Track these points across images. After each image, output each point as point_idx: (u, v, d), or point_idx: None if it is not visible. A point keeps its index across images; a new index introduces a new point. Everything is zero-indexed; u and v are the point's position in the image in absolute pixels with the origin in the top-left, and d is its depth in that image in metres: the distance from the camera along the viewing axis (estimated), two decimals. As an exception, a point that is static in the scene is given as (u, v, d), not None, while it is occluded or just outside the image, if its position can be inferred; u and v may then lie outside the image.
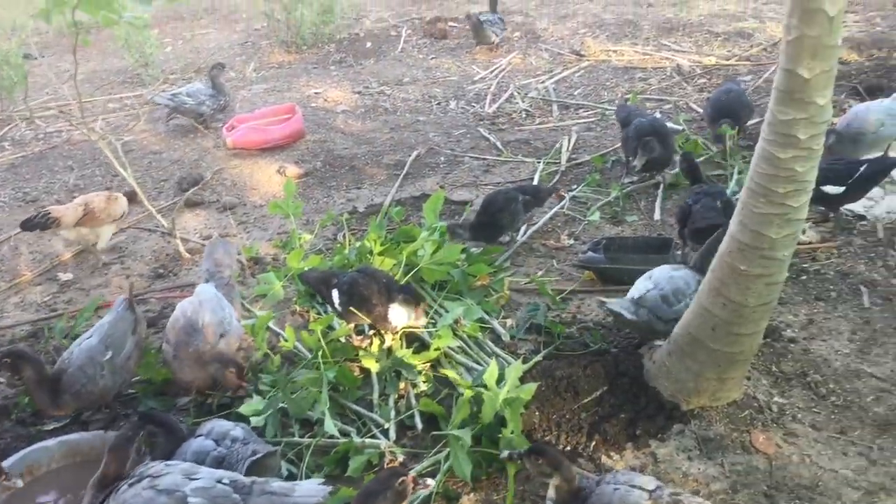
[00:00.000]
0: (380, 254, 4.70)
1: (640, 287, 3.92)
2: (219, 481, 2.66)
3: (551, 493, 2.99)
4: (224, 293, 4.14)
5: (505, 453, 3.12)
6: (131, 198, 5.61)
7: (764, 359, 3.92)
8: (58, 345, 4.45)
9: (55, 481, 3.48)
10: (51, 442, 3.69)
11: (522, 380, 3.58)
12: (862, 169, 4.79)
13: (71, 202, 5.42)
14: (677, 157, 5.65)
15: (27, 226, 5.16)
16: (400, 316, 4.05)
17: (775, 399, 3.68)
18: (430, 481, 2.86)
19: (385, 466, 3.42)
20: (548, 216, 5.54)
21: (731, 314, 3.33)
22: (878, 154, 5.43)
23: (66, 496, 3.43)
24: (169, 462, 2.86)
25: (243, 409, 3.68)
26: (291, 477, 3.42)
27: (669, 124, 6.66)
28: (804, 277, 4.60)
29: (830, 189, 4.78)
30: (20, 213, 6.38)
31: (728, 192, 5.23)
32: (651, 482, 2.89)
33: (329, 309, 4.32)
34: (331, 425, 3.56)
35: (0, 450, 3.76)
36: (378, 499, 2.62)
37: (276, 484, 2.71)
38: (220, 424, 3.41)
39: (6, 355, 3.62)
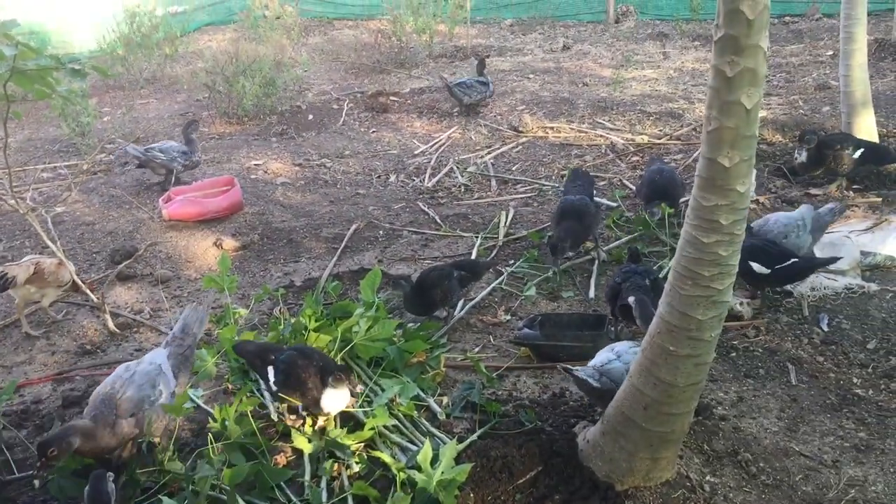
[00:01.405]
0: (315, 330, 4.65)
1: (602, 357, 3.92)
2: None
3: None
4: (177, 362, 4.04)
5: None
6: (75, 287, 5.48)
7: (696, 437, 3.95)
8: (-25, 426, 4.26)
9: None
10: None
11: (457, 460, 3.54)
12: (789, 262, 4.94)
13: (22, 260, 5.34)
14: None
15: None
16: (334, 401, 3.98)
17: (707, 478, 3.71)
18: None
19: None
20: (486, 291, 5.57)
21: (661, 394, 3.37)
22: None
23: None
24: None
25: (164, 506, 3.55)
26: (217, 566, 3.30)
27: (605, 201, 6.84)
28: (734, 354, 4.70)
29: (757, 267, 4.92)
30: (-58, 286, 6.17)
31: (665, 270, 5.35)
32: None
33: (261, 387, 4.24)
34: None
35: None
36: None
37: None
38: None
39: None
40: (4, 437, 4.19)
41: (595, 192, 6.62)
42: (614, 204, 6.82)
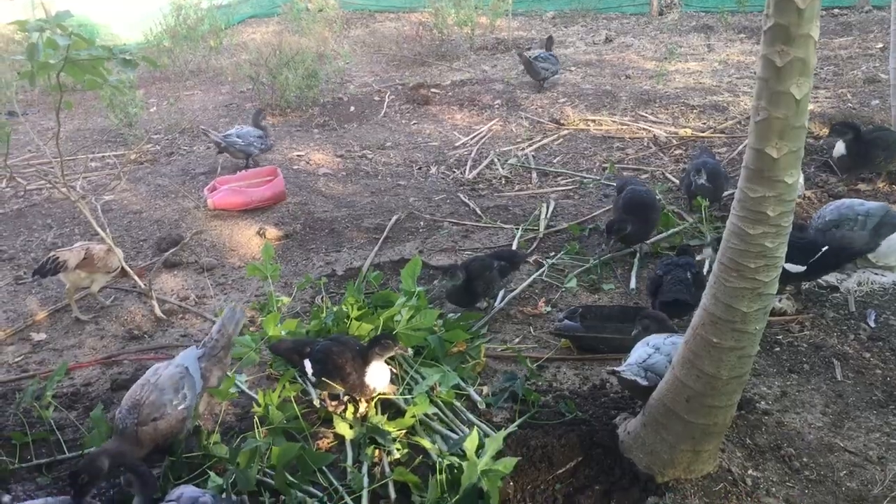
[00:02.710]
0: (357, 318, 4.70)
1: (641, 353, 3.89)
2: None
3: None
4: (209, 364, 4.09)
5: None
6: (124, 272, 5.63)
7: (738, 431, 3.92)
8: (28, 407, 4.38)
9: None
10: (16, 508, 3.63)
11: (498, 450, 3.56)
12: (821, 253, 4.85)
13: (73, 246, 5.49)
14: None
15: (40, 272, 5.26)
16: (378, 376, 4.03)
17: (749, 472, 3.68)
18: None
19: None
20: (526, 283, 5.57)
21: (704, 386, 3.35)
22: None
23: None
24: None
25: (208, 485, 3.62)
26: (261, 547, 3.37)
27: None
28: (777, 349, 4.64)
29: (791, 267, 4.85)
30: (-5, 271, 6.36)
31: (696, 259, 5.31)
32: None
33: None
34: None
35: (-38, 514, 3.69)
36: None
37: None
38: (189, 491, 3.37)
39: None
40: (55, 418, 4.30)
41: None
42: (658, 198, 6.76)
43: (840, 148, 6.83)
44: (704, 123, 8.98)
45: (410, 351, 4.36)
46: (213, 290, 5.86)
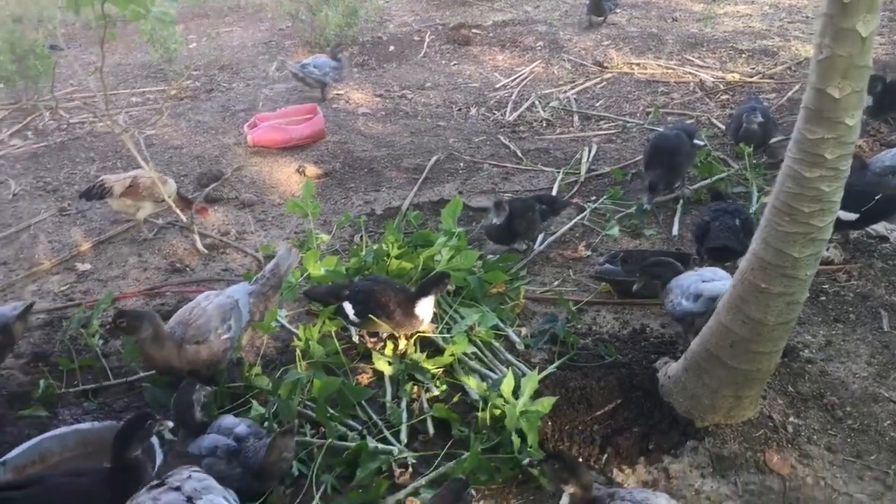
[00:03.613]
0: (396, 257, 4.69)
1: (692, 279, 3.98)
2: None
3: (565, 500, 2.98)
4: (257, 300, 4.13)
5: (526, 461, 3.10)
6: (183, 201, 5.74)
7: (780, 378, 3.89)
8: (75, 335, 4.47)
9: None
10: (63, 431, 3.71)
11: (537, 390, 3.56)
12: (874, 201, 4.72)
13: (127, 174, 5.66)
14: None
15: (86, 195, 5.51)
16: (428, 310, 4.08)
17: (791, 420, 3.65)
18: None
19: (394, 472, 3.42)
20: (567, 227, 5.51)
21: (749, 332, 3.30)
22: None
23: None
24: (193, 473, 2.85)
25: (250, 414, 3.69)
26: (303, 476, 3.43)
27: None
28: (823, 298, 4.57)
29: (843, 215, 4.72)
30: (40, 202, 6.44)
31: (751, 210, 5.22)
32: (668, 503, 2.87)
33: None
34: (334, 431, 3.58)
35: (14, 437, 3.80)
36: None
37: None
38: (227, 421, 3.43)
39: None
40: (101, 346, 4.38)
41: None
42: (701, 143, 6.61)
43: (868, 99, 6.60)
44: (753, 68, 8.73)
45: (452, 286, 4.35)
46: (254, 226, 5.88)
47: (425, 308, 4.07)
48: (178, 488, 2.73)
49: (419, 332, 4.21)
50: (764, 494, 3.28)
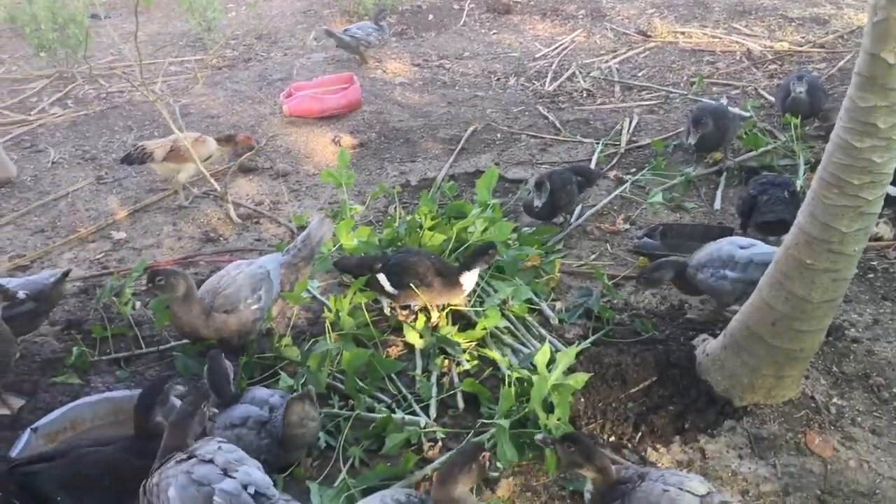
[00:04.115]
0: (430, 228, 4.61)
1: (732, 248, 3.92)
2: (245, 487, 2.61)
3: (589, 485, 2.90)
4: (288, 271, 4.10)
5: (539, 437, 3.02)
6: (226, 141, 5.97)
7: (824, 358, 3.75)
8: (108, 303, 4.48)
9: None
10: (94, 398, 3.73)
11: (570, 365, 3.47)
12: None
13: (163, 138, 5.76)
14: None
15: (127, 160, 5.63)
16: (471, 282, 4.03)
17: (834, 400, 3.52)
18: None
19: (423, 446, 3.37)
20: (606, 199, 5.38)
21: (792, 309, 3.17)
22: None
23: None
24: (222, 445, 2.83)
25: (279, 385, 3.66)
26: (330, 449, 3.40)
27: (736, 110, 6.39)
28: (871, 275, 4.39)
29: (892, 190, 4.52)
30: (78, 170, 6.48)
31: (798, 184, 5.03)
32: (702, 486, 2.77)
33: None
34: (362, 404, 3.54)
35: (47, 403, 3.82)
36: (463, 470, 2.65)
37: None
38: (260, 392, 3.41)
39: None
40: (133, 315, 4.39)
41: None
42: (747, 114, 6.40)
43: None
44: (803, 37, 8.43)
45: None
46: (288, 196, 5.85)
47: (469, 280, 4.00)
48: (210, 461, 2.70)
49: (452, 305, 4.14)
50: (804, 477, 3.17)
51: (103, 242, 5.37)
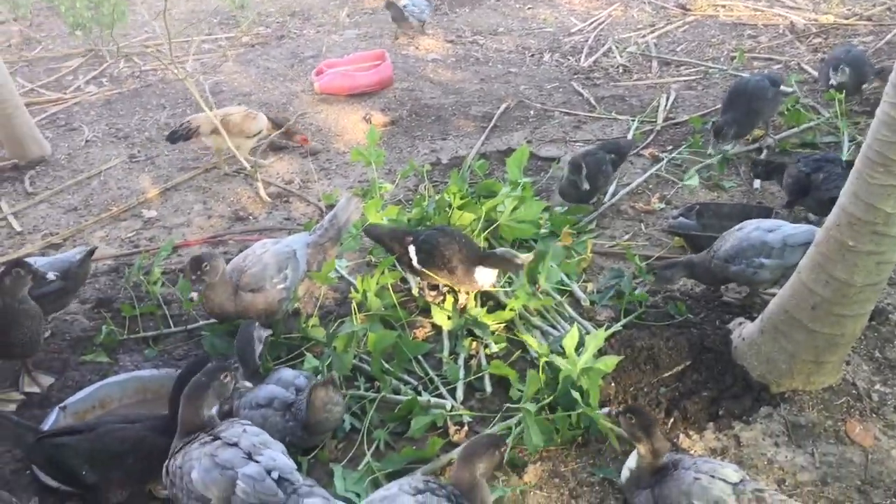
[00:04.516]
0: (459, 208, 4.53)
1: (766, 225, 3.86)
2: (269, 472, 2.58)
3: (632, 461, 2.84)
4: (315, 251, 4.05)
5: (605, 410, 3.01)
6: (278, 126, 6.01)
7: (867, 343, 3.62)
8: (137, 282, 4.48)
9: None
10: (122, 377, 3.74)
11: (600, 348, 3.38)
12: None
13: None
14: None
15: (173, 138, 5.69)
16: (487, 277, 3.90)
17: (876, 387, 3.39)
18: None
19: (449, 429, 3.31)
20: (641, 178, 5.25)
21: (833, 293, 3.05)
22: None
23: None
24: (248, 428, 2.79)
25: (304, 366, 3.62)
26: (355, 431, 3.36)
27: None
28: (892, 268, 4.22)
29: None
30: (111, 149, 6.50)
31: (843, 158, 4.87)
32: (735, 474, 2.69)
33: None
34: (387, 386, 3.50)
35: (76, 381, 3.84)
36: (483, 457, 2.61)
37: (312, 501, 2.53)
38: (286, 373, 3.38)
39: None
40: (163, 294, 4.38)
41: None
42: (790, 90, 6.20)
43: None
44: (849, 10, 8.14)
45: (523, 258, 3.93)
46: (318, 175, 5.80)
47: (484, 275, 3.90)
48: (235, 444, 2.67)
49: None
50: (843, 466, 3.06)
51: (134, 221, 5.38)
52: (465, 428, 3.33)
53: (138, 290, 4.45)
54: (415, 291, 4.21)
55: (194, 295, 3.84)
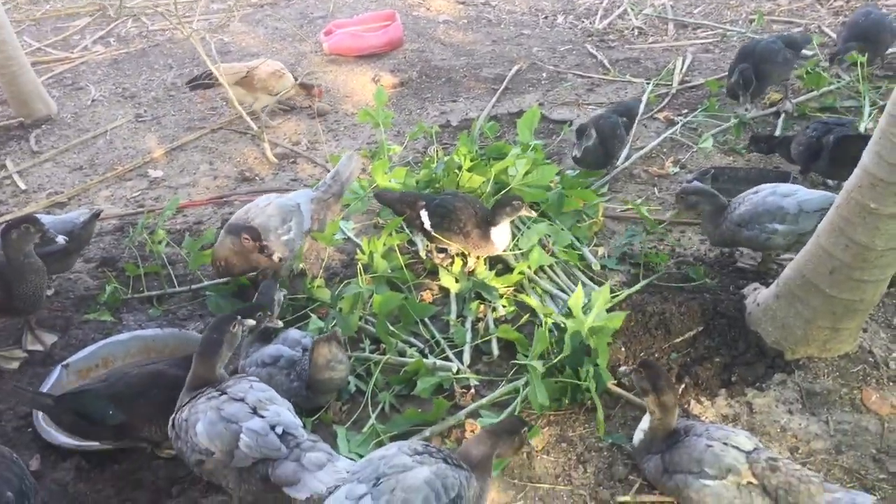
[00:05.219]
0: (469, 170, 4.43)
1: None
2: (273, 427, 2.53)
3: (645, 422, 2.80)
4: (319, 207, 4.00)
5: (623, 368, 2.98)
6: (303, 87, 6.00)
7: (884, 310, 3.53)
8: (142, 241, 4.42)
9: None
10: (125, 336, 3.70)
11: (611, 312, 3.30)
12: None
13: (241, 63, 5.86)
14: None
15: (193, 84, 5.80)
16: (503, 236, 3.84)
17: (894, 355, 3.30)
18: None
19: (455, 392, 3.26)
20: (655, 141, 5.13)
21: (853, 257, 2.95)
22: None
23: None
24: (254, 384, 2.75)
25: (309, 327, 3.56)
26: (360, 393, 3.31)
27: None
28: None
29: None
30: (118, 108, 6.43)
31: (862, 127, 4.75)
32: (749, 442, 2.64)
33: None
34: (392, 347, 3.45)
35: (79, 340, 3.80)
36: (505, 439, 2.60)
37: (315, 455, 2.50)
38: (293, 333, 3.33)
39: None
40: (167, 254, 4.32)
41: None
42: (810, 53, 6.04)
43: None
44: (872, -28, 7.92)
45: (534, 214, 3.95)
46: (325, 136, 5.71)
47: (500, 234, 3.82)
48: (241, 399, 2.63)
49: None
50: (858, 435, 2.99)
51: (140, 181, 5.31)
52: (472, 391, 3.27)
53: (142, 249, 4.39)
54: (422, 254, 4.14)
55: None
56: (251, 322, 2.96)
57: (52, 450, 3.15)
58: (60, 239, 3.59)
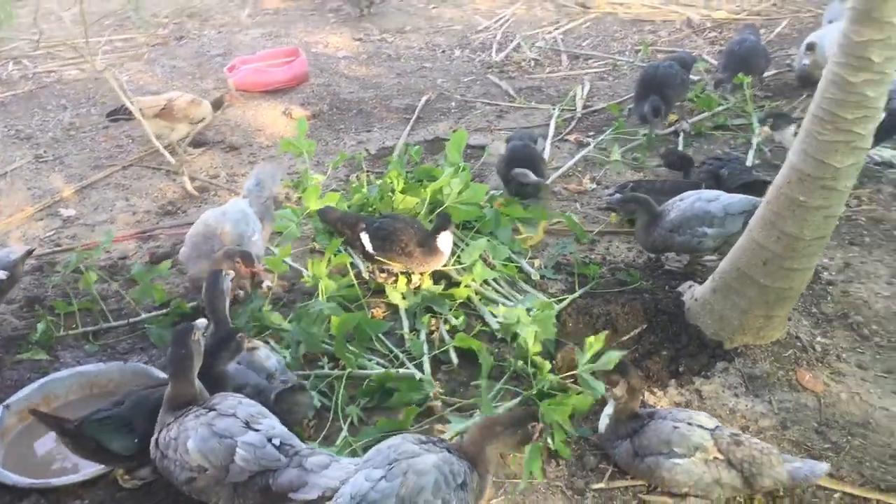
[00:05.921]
0: (402, 191, 4.53)
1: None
2: (270, 440, 2.53)
3: (609, 409, 2.93)
4: (259, 212, 4.04)
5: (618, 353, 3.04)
6: (216, 105, 5.98)
7: (804, 300, 3.84)
8: (66, 280, 4.25)
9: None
10: (67, 373, 3.55)
11: (559, 318, 3.50)
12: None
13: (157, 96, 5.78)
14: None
15: (112, 116, 5.73)
16: (447, 242, 3.94)
17: (818, 339, 3.61)
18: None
19: (428, 404, 3.31)
20: (571, 161, 5.39)
21: (784, 248, 3.23)
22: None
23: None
24: (242, 400, 2.72)
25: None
26: (325, 409, 3.30)
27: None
28: (837, 223, 4.51)
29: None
30: (14, 150, 6.16)
31: (754, 141, 5.20)
32: (710, 421, 2.84)
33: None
34: (352, 362, 3.47)
35: (13, 381, 3.62)
36: (508, 432, 2.62)
37: (318, 458, 2.53)
38: (261, 352, 3.28)
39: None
40: (98, 290, 4.17)
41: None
42: (696, 78, 6.52)
43: None
44: (738, 6, 8.63)
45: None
46: (244, 169, 5.66)
47: (445, 242, 3.93)
48: (233, 414, 2.61)
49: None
50: (800, 411, 3.24)
51: (52, 220, 5.10)
52: (438, 401, 3.33)
53: (70, 286, 4.23)
54: (365, 275, 4.18)
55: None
56: (203, 321, 2.90)
57: (6, 491, 2.98)
58: (1, 273, 3.43)
